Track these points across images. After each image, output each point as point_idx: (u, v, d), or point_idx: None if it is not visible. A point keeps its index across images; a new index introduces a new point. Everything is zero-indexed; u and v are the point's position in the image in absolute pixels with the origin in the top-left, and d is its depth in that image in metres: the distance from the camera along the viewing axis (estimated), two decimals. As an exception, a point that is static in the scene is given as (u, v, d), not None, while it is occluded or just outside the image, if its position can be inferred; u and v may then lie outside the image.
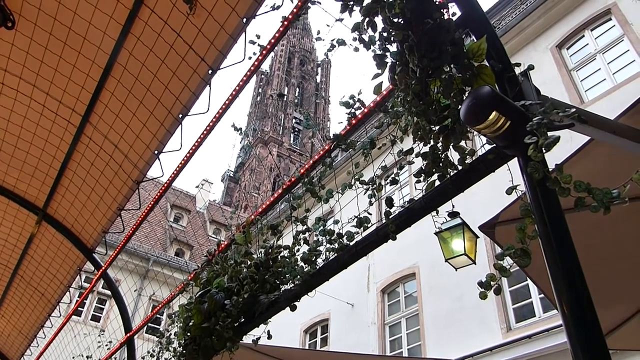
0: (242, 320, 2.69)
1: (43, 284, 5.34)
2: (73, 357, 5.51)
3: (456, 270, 6.48)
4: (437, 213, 2.00)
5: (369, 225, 2.21)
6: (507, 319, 8.88)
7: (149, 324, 12.12)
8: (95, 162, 4.00)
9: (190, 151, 3.57)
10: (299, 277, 2.45)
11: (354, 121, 2.37)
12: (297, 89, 76.00)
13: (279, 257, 2.63)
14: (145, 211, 4.11)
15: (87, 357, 5.10)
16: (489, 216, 2.81)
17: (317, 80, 78.56)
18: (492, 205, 2.85)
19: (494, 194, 2.74)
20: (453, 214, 6.13)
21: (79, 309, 16.93)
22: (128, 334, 4.42)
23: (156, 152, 3.60)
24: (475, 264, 6.43)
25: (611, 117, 2.21)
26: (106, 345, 5.11)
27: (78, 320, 16.19)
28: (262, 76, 77.02)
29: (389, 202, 2.05)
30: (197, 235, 26.49)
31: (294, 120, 71.68)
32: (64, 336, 5.65)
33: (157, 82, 3.26)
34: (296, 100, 73.98)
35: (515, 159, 1.67)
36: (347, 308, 12.98)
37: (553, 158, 1.69)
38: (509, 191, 1.70)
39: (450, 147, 1.89)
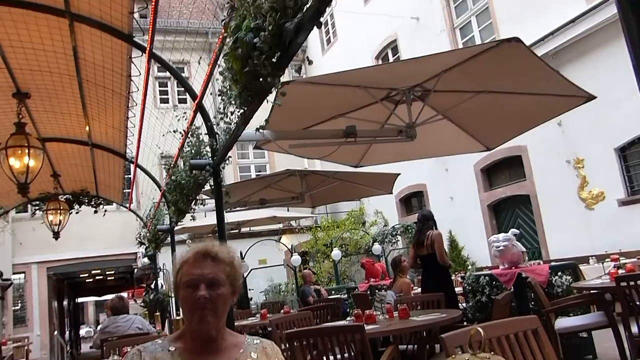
0: (278, 54, 2.58)
1: (107, 81, 5.52)
2: (162, 135, 6.02)
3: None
4: None
5: None
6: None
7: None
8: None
9: None
10: (316, -11, 2.20)
11: None
12: None
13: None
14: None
15: (174, 131, 5.53)
16: None
17: None
18: None
19: None
20: None
21: (160, 96, 17.96)
22: (196, 101, 4.60)
23: None
24: None
25: None
26: (183, 117, 5.45)
27: (160, 107, 16.96)
28: None
29: None
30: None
31: None
32: (147, 122, 6.09)
33: None
34: None
35: None
36: (412, 23, 12.51)
37: None
38: None
39: None
